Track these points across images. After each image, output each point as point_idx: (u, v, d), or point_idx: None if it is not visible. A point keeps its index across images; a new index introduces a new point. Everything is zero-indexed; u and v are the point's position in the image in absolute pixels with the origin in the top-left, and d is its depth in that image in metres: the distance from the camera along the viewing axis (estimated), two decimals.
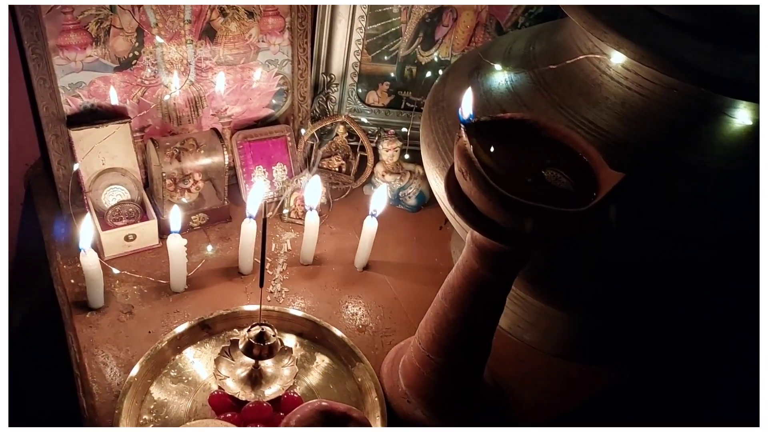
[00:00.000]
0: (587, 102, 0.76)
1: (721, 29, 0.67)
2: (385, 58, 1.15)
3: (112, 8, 0.90)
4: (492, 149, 0.66)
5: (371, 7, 1.08)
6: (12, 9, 0.85)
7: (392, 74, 1.17)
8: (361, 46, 1.13)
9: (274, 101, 1.10)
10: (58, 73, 0.90)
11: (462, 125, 0.65)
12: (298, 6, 1.02)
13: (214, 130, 1.00)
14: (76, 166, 0.92)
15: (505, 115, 0.68)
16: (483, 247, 0.68)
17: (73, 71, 0.91)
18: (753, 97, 0.66)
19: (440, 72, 1.15)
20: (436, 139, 0.87)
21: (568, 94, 0.77)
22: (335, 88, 1.16)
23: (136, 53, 0.94)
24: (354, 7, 1.08)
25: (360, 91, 1.19)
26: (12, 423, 0.78)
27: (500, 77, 0.85)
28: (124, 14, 0.91)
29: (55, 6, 0.86)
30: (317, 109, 1.17)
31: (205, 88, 1.02)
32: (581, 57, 0.77)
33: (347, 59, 1.14)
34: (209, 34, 0.98)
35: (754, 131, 0.72)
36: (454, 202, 0.65)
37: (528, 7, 1.11)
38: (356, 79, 1.17)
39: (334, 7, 1.07)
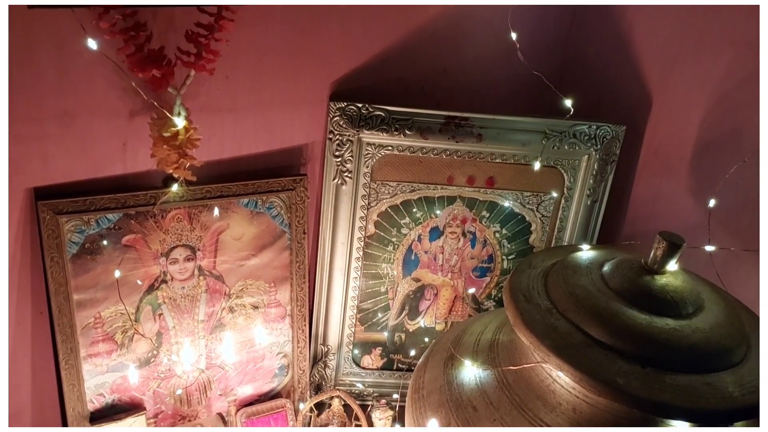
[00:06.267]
0: (544, 405, 0.86)
1: (648, 354, 0.79)
2: (377, 327, 1.29)
3: (136, 318, 1.05)
4: None
5: (362, 288, 1.24)
6: (52, 324, 1.00)
7: (385, 338, 1.30)
8: (354, 320, 1.27)
9: (276, 372, 1.22)
10: (86, 377, 1.03)
11: None
12: (297, 296, 1.18)
13: (220, 415, 1.10)
14: None
15: None
16: None
17: (99, 374, 1.04)
18: (677, 416, 0.75)
19: (426, 339, 1.29)
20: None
21: (528, 397, 0.88)
22: (332, 357, 1.28)
23: (155, 352, 1.08)
24: (347, 290, 1.24)
25: (355, 352, 1.31)
26: None
27: (470, 372, 0.96)
28: (146, 322, 1.06)
29: (89, 322, 1.02)
30: (317, 375, 1.28)
31: (214, 374, 1.15)
32: (535, 363, 0.88)
33: (342, 332, 1.27)
34: (219, 328, 1.13)
35: None
36: None
37: (499, 282, 1.27)
38: (351, 347, 1.29)
39: (329, 293, 1.23)
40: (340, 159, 1.14)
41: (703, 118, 1.07)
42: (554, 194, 1.20)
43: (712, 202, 0.96)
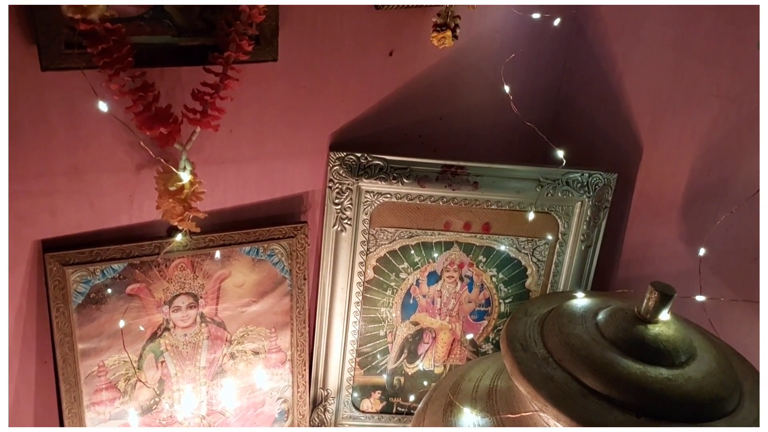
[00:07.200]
0: None
1: (642, 404, 0.81)
2: (376, 371, 1.30)
3: (139, 366, 1.07)
4: None
5: (361, 332, 1.26)
6: (56, 373, 1.01)
7: (384, 382, 1.31)
8: (354, 364, 1.28)
9: (276, 417, 1.23)
10: (89, 425, 1.04)
11: None
12: (297, 342, 1.20)
13: None
14: None
15: None
16: None
17: (102, 422, 1.05)
18: None
19: (425, 382, 1.30)
20: None
21: None
22: (332, 401, 1.29)
23: (157, 399, 1.09)
24: (346, 334, 1.25)
25: (355, 396, 1.32)
26: None
27: (469, 419, 0.97)
28: (149, 369, 1.08)
29: (93, 371, 1.03)
30: (317, 419, 1.29)
31: (215, 420, 1.16)
32: (532, 412, 0.90)
33: (342, 375, 1.28)
34: (220, 374, 1.14)
35: None
36: None
37: (497, 325, 1.29)
38: (351, 390, 1.30)
39: (329, 337, 1.25)
40: (339, 206, 1.17)
41: (692, 167, 1.11)
42: (549, 237, 1.23)
43: (702, 251, 0.99)
